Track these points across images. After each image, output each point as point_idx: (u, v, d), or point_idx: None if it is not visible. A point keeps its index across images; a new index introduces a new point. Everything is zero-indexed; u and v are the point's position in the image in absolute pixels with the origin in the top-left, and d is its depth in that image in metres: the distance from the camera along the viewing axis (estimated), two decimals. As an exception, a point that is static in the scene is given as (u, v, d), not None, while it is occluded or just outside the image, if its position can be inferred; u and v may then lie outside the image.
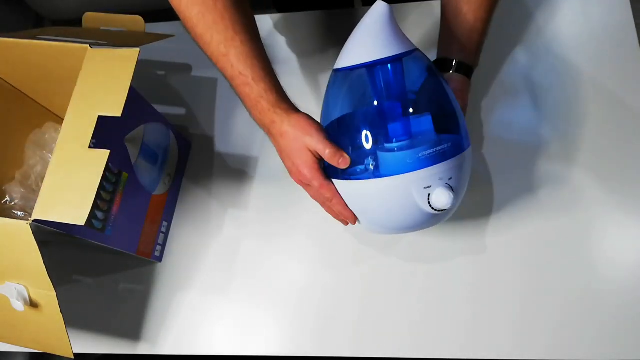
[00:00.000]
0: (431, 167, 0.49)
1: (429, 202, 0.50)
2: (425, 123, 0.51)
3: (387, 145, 0.51)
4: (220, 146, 0.76)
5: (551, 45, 0.74)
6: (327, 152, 0.50)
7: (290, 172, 0.54)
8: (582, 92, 0.71)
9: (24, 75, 0.64)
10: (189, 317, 0.68)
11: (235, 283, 0.69)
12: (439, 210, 0.50)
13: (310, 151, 0.52)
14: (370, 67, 0.51)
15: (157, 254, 0.70)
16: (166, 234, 0.73)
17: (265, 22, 0.82)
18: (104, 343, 0.69)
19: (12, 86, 0.66)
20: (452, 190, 0.50)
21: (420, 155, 0.49)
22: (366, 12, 0.51)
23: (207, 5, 0.50)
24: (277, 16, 0.83)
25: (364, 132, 0.51)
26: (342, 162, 0.51)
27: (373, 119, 0.52)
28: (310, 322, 0.66)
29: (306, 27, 0.81)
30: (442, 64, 0.60)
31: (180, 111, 0.80)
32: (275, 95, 0.52)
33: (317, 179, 0.52)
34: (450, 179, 0.50)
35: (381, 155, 0.51)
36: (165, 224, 0.72)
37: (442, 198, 0.49)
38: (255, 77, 0.51)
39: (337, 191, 0.53)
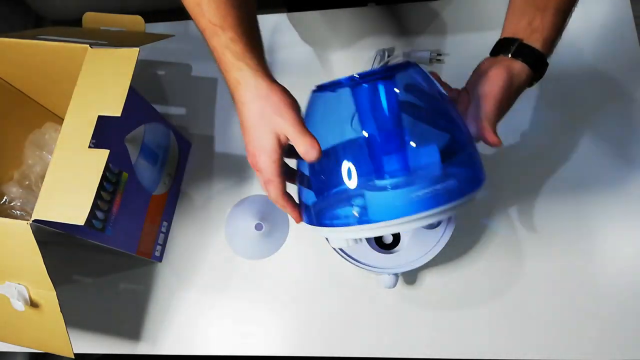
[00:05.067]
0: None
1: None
2: (426, 155, 0.42)
3: (378, 183, 0.42)
4: (220, 146, 0.76)
5: (551, 45, 0.74)
6: (298, 138, 0.41)
7: (247, 150, 0.45)
8: (582, 92, 0.71)
9: (24, 75, 0.64)
10: (189, 317, 0.68)
11: (235, 283, 0.69)
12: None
13: (276, 135, 0.42)
14: (356, 84, 0.42)
15: (157, 254, 0.70)
16: (166, 234, 0.73)
17: (276, 21, 0.82)
18: (104, 343, 0.69)
19: (12, 86, 0.66)
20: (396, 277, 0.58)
21: (417, 195, 0.39)
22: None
23: None
24: (287, 15, 0.83)
25: (347, 166, 0.41)
26: (310, 154, 0.41)
27: (357, 149, 0.42)
28: (311, 322, 0.66)
29: (317, 25, 0.81)
30: (500, 47, 0.48)
31: (180, 111, 0.80)
32: (243, 46, 0.43)
33: (268, 172, 0.43)
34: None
35: (369, 196, 0.41)
36: (165, 224, 0.72)
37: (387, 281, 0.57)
38: (225, 25, 0.43)
39: (284, 190, 0.45)
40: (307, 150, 0.41)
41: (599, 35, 0.73)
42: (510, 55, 0.46)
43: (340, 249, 0.58)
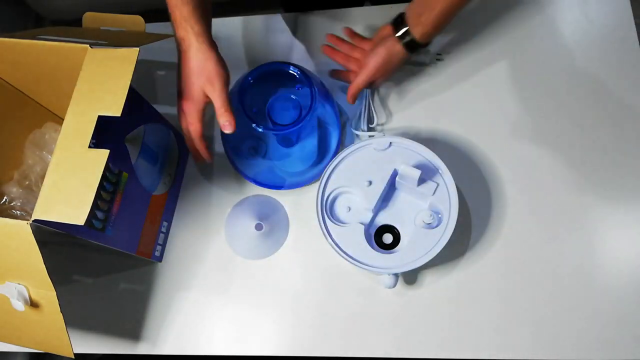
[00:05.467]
0: None
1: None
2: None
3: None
4: (220, 146, 0.76)
5: (551, 45, 0.74)
6: (220, 111, 0.55)
7: (178, 93, 0.57)
8: (582, 92, 0.71)
9: (24, 75, 0.64)
10: (189, 317, 0.68)
11: (235, 283, 0.69)
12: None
13: (204, 94, 0.54)
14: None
15: (157, 254, 0.70)
16: (166, 234, 0.73)
17: (273, 21, 0.82)
18: (104, 343, 0.69)
19: (12, 86, 0.66)
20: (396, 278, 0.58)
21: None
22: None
23: None
24: (284, 16, 0.83)
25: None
26: (226, 125, 0.56)
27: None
28: (311, 322, 0.66)
29: (314, 26, 0.81)
30: (396, 21, 0.64)
31: (180, 111, 0.80)
32: (191, 9, 0.53)
33: (192, 117, 0.57)
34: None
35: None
36: (165, 224, 0.72)
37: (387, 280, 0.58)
38: None
39: (202, 134, 0.59)
40: (224, 123, 0.57)
41: (599, 35, 0.73)
42: (396, 35, 0.63)
43: (339, 248, 0.59)
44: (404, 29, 0.62)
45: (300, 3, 0.86)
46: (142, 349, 0.68)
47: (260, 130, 0.62)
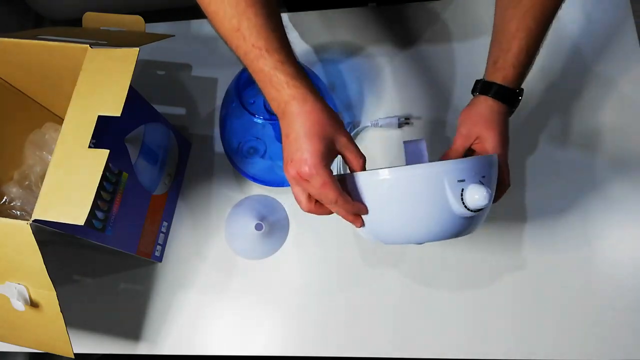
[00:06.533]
0: (465, 160, 0.45)
1: (462, 200, 0.44)
2: None
3: None
4: (220, 146, 0.76)
5: (551, 45, 0.74)
6: (350, 146, 0.46)
7: (288, 162, 0.46)
8: (582, 92, 0.71)
9: (24, 75, 0.64)
10: (189, 317, 0.68)
11: (235, 283, 0.69)
12: (473, 211, 0.44)
13: (330, 141, 0.45)
14: None
15: (157, 254, 0.70)
16: (166, 234, 0.73)
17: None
18: (104, 343, 0.69)
19: (12, 86, 0.66)
20: (489, 187, 0.45)
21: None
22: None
23: None
24: (287, 15, 0.83)
25: None
26: (357, 162, 0.47)
27: None
28: (311, 322, 0.66)
29: (317, 26, 0.81)
30: (474, 87, 0.55)
31: (180, 111, 0.80)
32: (293, 67, 0.46)
33: (321, 175, 0.44)
34: (484, 176, 0.45)
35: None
36: (165, 224, 0.72)
37: (478, 194, 0.43)
38: (270, 48, 0.45)
39: (341, 190, 0.46)
40: (356, 157, 0.47)
41: (599, 35, 0.73)
42: (478, 93, 0.54)
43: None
44: (480, 83, 0.54)
45: (303, 3, 0.86)
46: (142, 349, 0.68)
47: (259, 122, 0.62)
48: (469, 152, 0.54)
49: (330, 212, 0.49)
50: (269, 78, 0.46)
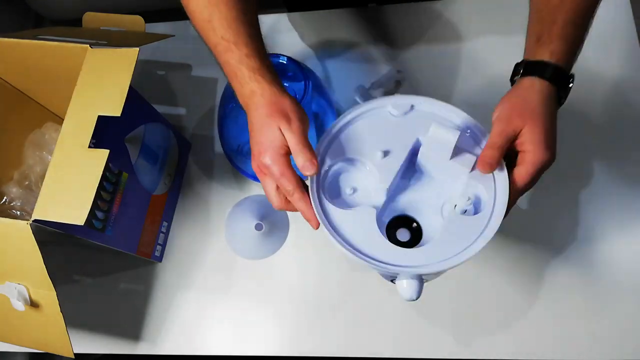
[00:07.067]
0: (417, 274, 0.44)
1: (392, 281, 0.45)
2: None
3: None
4: (220, 146, 0.76)
5: (551, 45, 0.74)
6: (298, 149, 0.43)
7: (253, 157, 0.46)
8: (582, 92, 0.71)
9: (24, 75, 0.64)
10: (189, 317, 0.68)
11: (235, 283, 0.69)
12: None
13: (282, 134, 0.44)
14: None
15: (157, 254, 0.70)
16: (166, 234, 0.73)
17: (276, 21, 0.82)
18: (104, 343, 0.69)
19: (12, 86, 0.66)
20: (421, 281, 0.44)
21: None
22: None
23: None
24: (287, 15, 0.83)
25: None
26: (307, 166, 0.43)
27: None
28: (311, 322, 0.66)
29: (317, 25, 0.81)
30: (513, 74, 0.48)
31: (180, 111, 0.80)
32: (258, 61, 0.45)
33: (278, 165, 0.43)
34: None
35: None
36: (165, 224, 0.72)
37: (407, 290, 0.44)
38: (239, 41, 0.45)
39: (301, 184, 0.45)
40: (303, 164, 0.43)
41: (599, 35, 0.73)
42: (520, 77, 0.46)
43: (340, 238, 0.45)
44: (522, 65, 0.47)
45: (304, 3, 0.86)
46: (142, 349, 0.68)
47: None
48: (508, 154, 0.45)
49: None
50: (234, 71, 0.45)
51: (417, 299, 0.44)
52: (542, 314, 0.62)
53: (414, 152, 0.47)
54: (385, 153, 0.47)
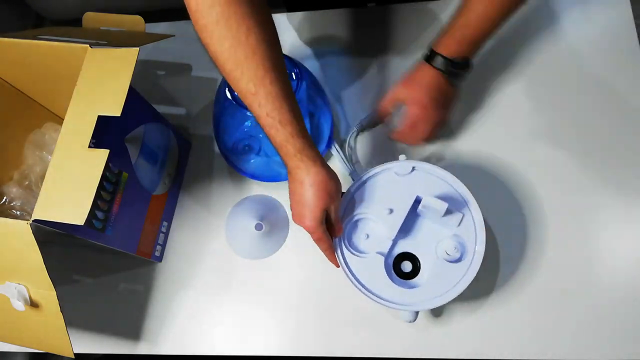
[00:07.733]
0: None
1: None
2: None
3: None
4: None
5: (551, 45, 0.74)
6: (336, 225, 0.57)
7: (294, 214, 0.55)
8: (582, 92, 0.71)
9: (24, 75, 0.64)
10: (189, 317, 0.68)
11: (235, 283, 0.69)
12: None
13: (324, 212, 0.54)
14: None
15: (157, 254, 0.71)
16: (166, 234, 0.73)
17: (276, 21, 0.81)
18: (104, 343, 0.69)
19: (12, 86, 0.66)
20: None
21: None
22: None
23: (238, 39, 0.48)
24: (287, 15, 0.82)
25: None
26: (337, 234, 0.58)
27: None
28: (311, 322, 0.66)
29: (317, 26, 0.81)
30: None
31: (180, 111, 0.80)
32: (301, 140, 0.51)
33: (316, 233, 0.55)
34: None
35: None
36: (165, 224, 0.72)
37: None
38: (283, 120, 0.50)
39: (331, 244, 0.57)
40: (337, 233, 0.58)
41: (599, 35, 0.73)
42: (424, 62, 0.63)
43: (358, 283, 0.58)
44: (428, 53, 0.62)
45: (304, 3, 0.86)
46: (142, 349, 0.68)
47: (250, 114, 0.61)
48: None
49: None
50: (280, 146, 0.52)
51: (414, 321, 0.57)
52: (541, 314, 0.62)
53: (415, 205, 0.58)
54: (391, 210, 0.58)
